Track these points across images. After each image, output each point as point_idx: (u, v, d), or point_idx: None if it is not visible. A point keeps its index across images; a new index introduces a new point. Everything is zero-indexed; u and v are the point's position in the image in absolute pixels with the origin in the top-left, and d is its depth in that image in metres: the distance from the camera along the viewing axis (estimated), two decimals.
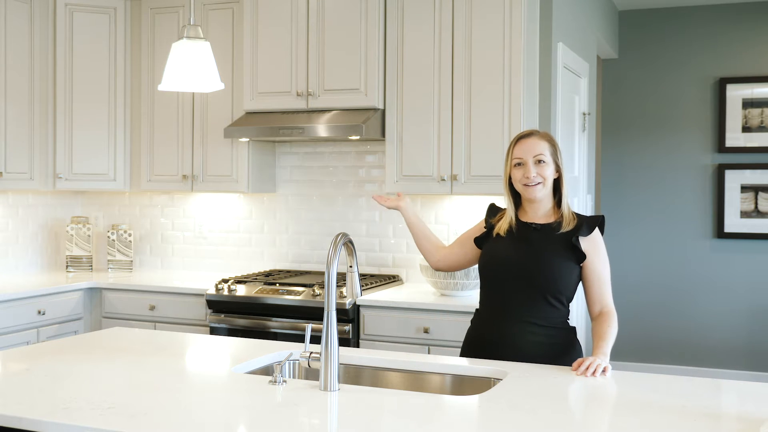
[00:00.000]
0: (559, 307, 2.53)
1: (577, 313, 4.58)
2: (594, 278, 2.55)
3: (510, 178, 2.60)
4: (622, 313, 5.87)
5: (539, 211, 2.59)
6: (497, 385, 2.19)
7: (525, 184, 2.54)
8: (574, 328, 2.60)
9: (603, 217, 2.63)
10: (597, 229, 2.57)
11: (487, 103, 3.92)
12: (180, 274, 4.87)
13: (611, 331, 2.47)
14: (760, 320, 5.87)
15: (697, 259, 6.05)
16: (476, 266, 2.73)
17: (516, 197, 2.63)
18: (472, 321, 2.71)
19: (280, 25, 4.29)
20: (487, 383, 2.32)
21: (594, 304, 2.56)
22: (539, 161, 2.54)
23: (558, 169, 2.58)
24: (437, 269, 2.88)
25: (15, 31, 4.39)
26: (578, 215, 2.59)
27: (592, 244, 2.55)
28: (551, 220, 2.58)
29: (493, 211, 2.73)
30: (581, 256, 2.52)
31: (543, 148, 2.55)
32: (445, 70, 3.99)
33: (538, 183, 2.53)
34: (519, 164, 2.56)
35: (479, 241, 2.70)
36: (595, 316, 2.56)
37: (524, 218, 2.61)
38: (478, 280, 2.71)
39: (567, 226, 2.54)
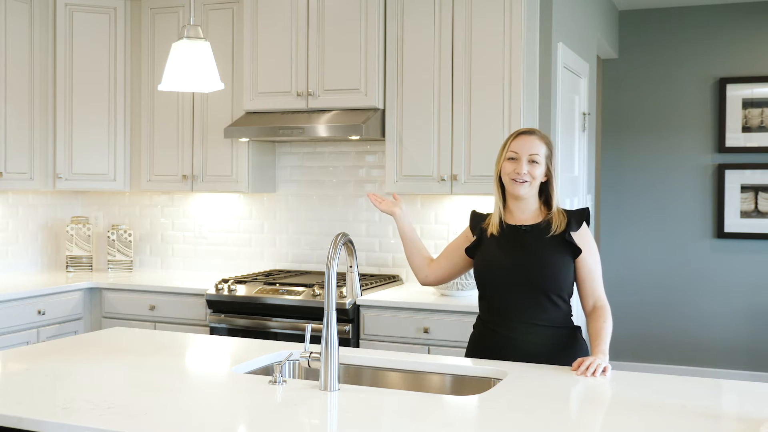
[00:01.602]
0: (561, 305, 2.54)
1: (578, 313, 4.57)
2: (586, 272, 2.55)
3: (500, 171, 2.60)
4: (622, 313, 5.92)
5: (525, 211, 2.59)
6: (497, 385, 2.19)
7: (513, 179, 2.54)
8: (579, 327, 2.60)
9: (587, 209, 2.63)
10: (584, 222, 2.58)
11: (487, 102, 3.92)
12: (180, 274, 4.87)
13: (607, 327, 2.47)
14: (760, 320, 5.87)
15: (697, 259, 6.05)
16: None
17: (503, 192, 2.63)
18: (475, 326, 2.70)
19: (280, 25, 4.29)
20: (487, 383, 2.32)
21: (587, 298, 2.57)
22: (533, 161, 2.54)
23: (548, 173, 2.58)
24: (425, 284, 2.84)
25: (15, 30, 4.39)
26: (566, 211, 2.59)
27: (582, 239, 2.55)
28: (539, 220, 2.59)
29: (477, 218, 2.71)
30: (577, 251, 2.53)
31: (539, 149, 2.55)
32: (445, 70, 3.99)
33: (526, 181, 2.54)
34: (513, 158, 2.56)
35: (470, 250, 2.68)
36: (588, 311, 2.56)
37: (511, 221, 2.61)
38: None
39: (557, 226, 2.54)
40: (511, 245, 2.56)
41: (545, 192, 2.60)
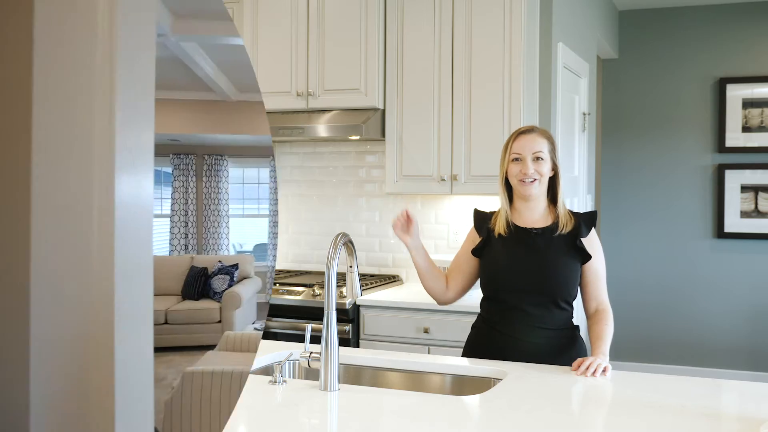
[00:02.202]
0: (567, 309, 2.53)
1: (577, 313, 4.58)
2: (592, 276, 2.55)
3: (506, 173, 2.57)
4: (623, 313, 5.91)
5: (534, 212, 2.57)
6: (497, 385, 2.19)
7: (521, 180, 2.52)
8: (578, 327, 2.60)
9: (595, 212, 2.63)
10: (593, 227, 2.58)
11: (487, 103, 3.92)
12: None
13: (608, 329, 2.47)
14: (761, 320, 5.87)
15: (697, 259, 6.05)
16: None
17: (509, 194, 2.61)
18: (474, 326, 2.68)
19: (280, 25, 4.29)
20: (487, 383, 2.32)
21: (591, 302, 2.56)
22: (537, 158, 2.52)
23: (554, 167, 2.57)
24: (445, 303, 2.71)
25: None
26: (573, 213, 2.58)
27: (591, 243, 2.55)
28: (549, 221, 2.56)
29: (482, 217, 2.66)
30: (587, 257, 2.52)
31: (542, 146, 2.53)
32: (445, 70, 3.99)
33: (535, 180, 2.52)
34: (517, 159, 2.53)
35: (477, 250, 2.61)
36: (591, 314, 2.55)
37: (520, 222, 2.57)
38: (478, 281, 2.68)
39: (566, 227, 2.53)
40: (521, 248, 2.53)
41: (552, 189, 2.58)
